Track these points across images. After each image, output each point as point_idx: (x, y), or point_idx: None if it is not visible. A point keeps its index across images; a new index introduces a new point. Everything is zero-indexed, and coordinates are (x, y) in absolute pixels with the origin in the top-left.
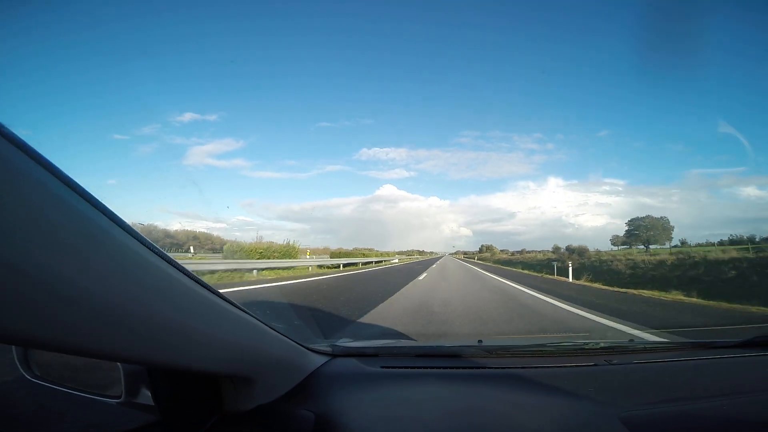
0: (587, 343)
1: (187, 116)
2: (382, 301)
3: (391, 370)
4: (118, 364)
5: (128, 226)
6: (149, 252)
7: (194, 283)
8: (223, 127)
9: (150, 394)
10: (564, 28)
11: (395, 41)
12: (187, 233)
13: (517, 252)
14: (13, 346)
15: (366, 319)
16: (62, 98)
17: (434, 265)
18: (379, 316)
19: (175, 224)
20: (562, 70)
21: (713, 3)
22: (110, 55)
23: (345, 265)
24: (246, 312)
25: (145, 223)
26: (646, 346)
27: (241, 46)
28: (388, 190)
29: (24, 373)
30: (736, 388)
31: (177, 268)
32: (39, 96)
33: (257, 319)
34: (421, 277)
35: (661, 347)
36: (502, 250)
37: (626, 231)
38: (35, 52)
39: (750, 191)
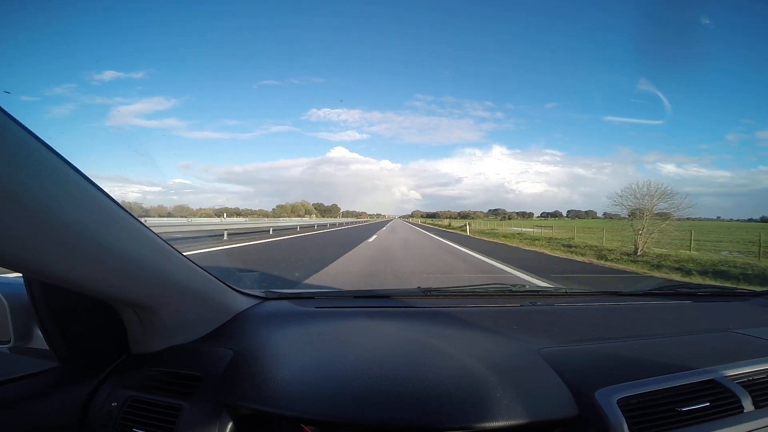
0: (515, 286)
1: (108, 74)
2: None
3: (325, 309)
4: (5, 303)
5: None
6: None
7: (93, 187)
8: (151, 85)
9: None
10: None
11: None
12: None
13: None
14: None
15: None
16: None
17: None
18: None
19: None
20: (521, 40)
21: None
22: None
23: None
24: (154, 233)
25: None
26: (568, 291)
27: None
28: (339, 152)
29: None
30: (642, 330)
31: (79, 174)
32: None
33: (171, 247)
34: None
35: (580, 293)
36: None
37: None
38: None
39: (670, 168)
